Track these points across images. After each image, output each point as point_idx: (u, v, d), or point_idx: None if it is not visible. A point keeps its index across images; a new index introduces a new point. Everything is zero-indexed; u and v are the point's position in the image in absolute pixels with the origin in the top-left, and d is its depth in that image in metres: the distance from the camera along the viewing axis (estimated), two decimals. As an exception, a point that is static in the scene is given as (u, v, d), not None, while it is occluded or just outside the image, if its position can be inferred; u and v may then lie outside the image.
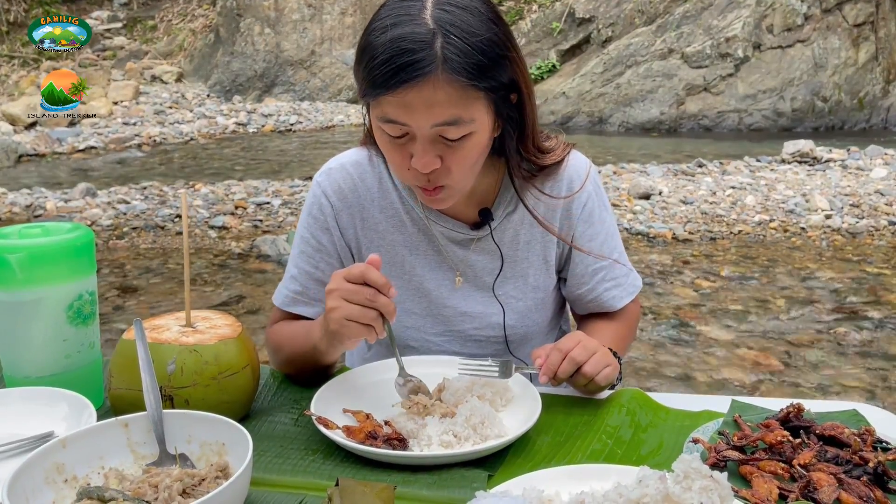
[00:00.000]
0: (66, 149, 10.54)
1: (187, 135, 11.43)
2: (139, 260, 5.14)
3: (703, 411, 1.15)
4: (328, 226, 1.32)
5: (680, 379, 3.20)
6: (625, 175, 7.15)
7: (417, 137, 1.09)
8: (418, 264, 1.33)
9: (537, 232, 1.32)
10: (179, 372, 1.06)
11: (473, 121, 1.09)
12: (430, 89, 1.03)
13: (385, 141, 1.14)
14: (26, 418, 1.07)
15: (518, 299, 1.34)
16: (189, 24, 16.84)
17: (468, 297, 1.33)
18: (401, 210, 1.32)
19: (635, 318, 1.43)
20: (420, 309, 1.34)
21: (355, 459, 1.02)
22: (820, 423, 1.04)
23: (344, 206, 1.32)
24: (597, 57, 13.31)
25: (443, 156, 1.10)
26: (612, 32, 13.56)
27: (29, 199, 6.85)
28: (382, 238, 1.33)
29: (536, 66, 13.92)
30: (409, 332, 1.35)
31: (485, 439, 1.05)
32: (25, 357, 1.15)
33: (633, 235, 5.39)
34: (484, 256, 1.32)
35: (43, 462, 0.89)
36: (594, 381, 1.12)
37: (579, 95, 12.93)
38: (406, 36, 1.03)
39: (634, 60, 12.77)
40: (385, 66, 1.03)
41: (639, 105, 12.37)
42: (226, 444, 0.95)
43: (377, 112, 1.10)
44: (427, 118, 1.06)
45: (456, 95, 1.05)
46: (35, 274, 1.11)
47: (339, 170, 1.33)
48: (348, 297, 1.06)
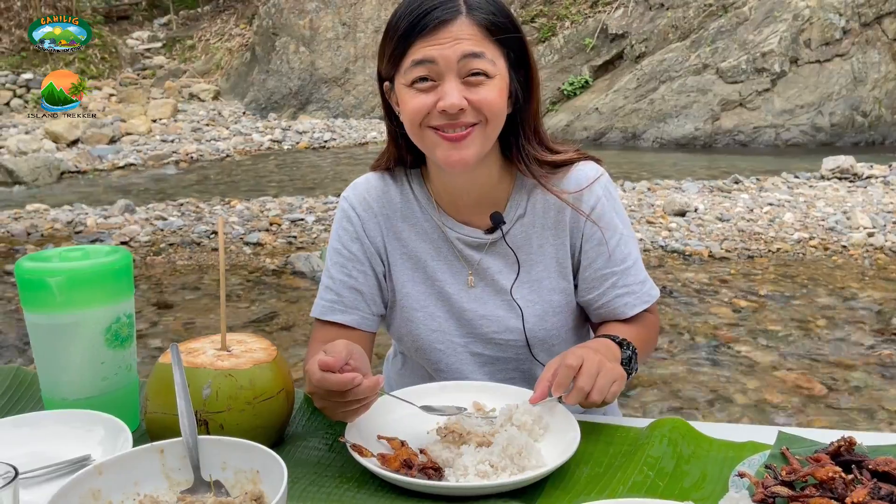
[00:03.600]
0: (106, 165, 10.76)
1: (223, 151, 11.60)
2: (175, 276, 5.20)
3: (748, 442, 1.11)
4: (357, 235, 1.37)
5: (717, 402, 3.13)
6: (659, 191, 7.07)
7: (445, 75, 1.16)
8: (438, 269, 1.36)
9: (549, 235, 1.34)
10: (215, 396, 1.06)
11: (494, 63, 1.18)
12: (457, 28, 1.16)
13: (410, 95, 1.20)
14: (63, 441, 1.07)
15: (535, 303, 1.34)
16: (226, 43, 17.15)
17: (486, 301, 1.35)
18: (421, 219, 1.36)
19: (653, 326, 1.40)
20: (443, 313, 1.36)
21: (390, 488, 1.01)
22: (873, 458, 1.00)
23: (370, 216, 1.37)
24: (630, 72, 13.24)
25: (468, 97, 1.17)
26: (645, 48, 13.49)
27: (70, 216, 6.99)
28: (405, 245, 1.37)
29: (569, 81, 13.89)
30: (436, 335, 1.37)
31: (522, 470, 1.02)
32: (63, 379, 1.15)
33: (669, 253, 5.32)
34: (499, 260, 1.34)
35: (79, 489, 0.89)
36: (605, 402, 1.11)
37: (612, 111, 12.86)
38: None
39: (668, 76, 12.68)
40: (415, 13, 1.16)
41: (673, 121, 12.26)
42: (260, 471, 0.94)
43: (406, 64, 1.19)
44: (454, 51, 1.15)
45: (479, 35, 1.17)
46: (74, 297, 1.12)
47: (364, 184, 1.40)
48: (323, 404, 1.08)
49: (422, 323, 1.36)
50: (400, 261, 1.37)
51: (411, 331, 1.37)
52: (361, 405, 1.06)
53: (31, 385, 1.32)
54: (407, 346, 1.42)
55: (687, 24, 13.30)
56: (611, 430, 1.18)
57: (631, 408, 3.09)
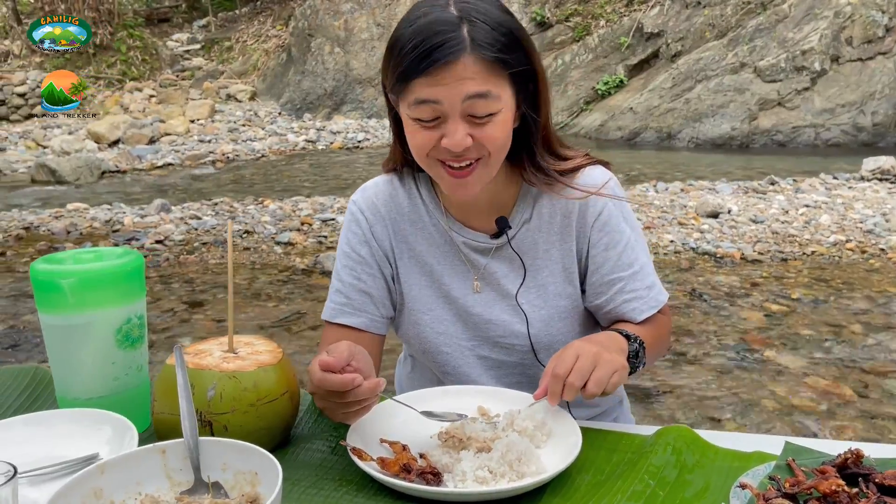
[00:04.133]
0: (145, 165, 10.94)
1: (259, 152, 11.73)
2: (207, 275, 5.28)
3: (755, 452, 1.09)
4: (366, 239, 1.38)
5: (744, 408, 3.08)
6: (693, 192, 6.98)
7: (449, 116, 1.14)
8: (444, 273, 1.36)
9: (555, 240, 1.33)
10: (219, 398, 1.08)
11: (500, 97, 1.15)
12: (461, 67, 1.11)
13: (415, 128, 1.19)
14: (72, 440, 1.09)
15: (540, 308, 1.33)
16: (263, 44, 17.35)
17: (492, 305, 1.35)
18: (428, 223, 1.37)
19: (664, 327, 1.37)
20: (450, 316, 1.37)
21: (389, 492, 1.01)
22: (881, 471, 0.98)
23: (377, 219, 1.38)
24: (666, 72, 13.08)
25: (473, 135, 1.16)
26: (681, 47, 13.32)
27: (108, 215, 7.14)
28: (412, 249, 1.38)
29: (603, 81, 13.77)
30: (442, 338, 1.37)
31: (521, 476, 1.02)
32: (76, 379, 1.18)
33: (700, 255, 5.25)
34: (504, 265, 1.34)
35: (81, 487, 0.91)
36: (605, 393, 1.10)
37: (647, 111, 12.72)
38: (435, 21, 1.13)
39: (705, 75, 12.50)
40: (418, 49, 1.12)
41: (709, 120, 12.09)
42: (258, 473, 0.95)
43: (409, 99, 1.16)
44: (458, 93, 1.12)
45: (484, 71, 1.13)
46: (85, 298, 1.14)
47: (372, 188, 1.41)
48: (323, 404, 1.09)
49: (429, 326, 1.36)
50: (408, 264, 1.38)
51: (418, 333, 1.38)
52: (361, 407, 1.07)
53: (48, 384, 1.36)
54: (415, 349, 1.43)
55: (724, 23, 13.11)
56: (615, 438, 1.17)
57: (655, 413, 3.06)
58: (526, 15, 15.09)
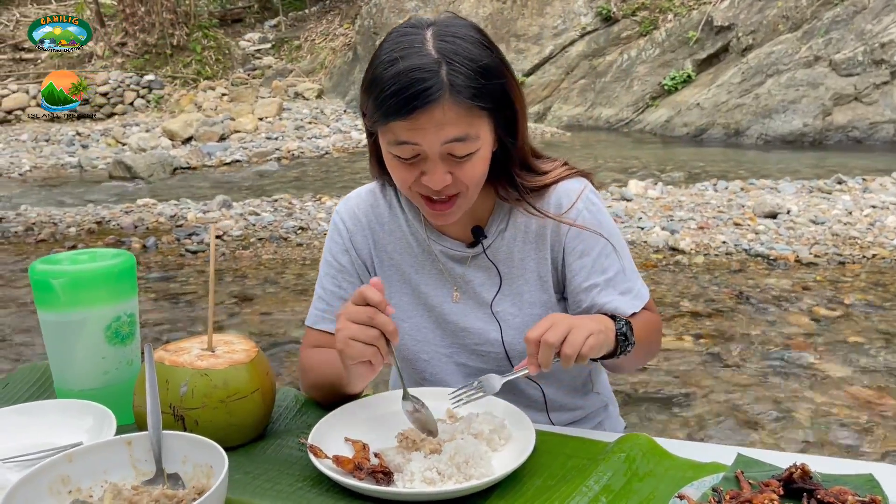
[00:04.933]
0: (214, 162, 11.30)
1: (323, 149, 11.96)
2: (260, 270, 5.45)
3: (711, 463, 1.09)
4: (346, 248, 1.42)
5: (779, 415, 3.00)
6: (753, 192, 6.78)
7: (429, 156, 1.17)
8: (422, 282, 1.39)
9: (531, 249, 1.35)
10: (190, 394, 1.14)
11: (478, 137, 1.18)
12: (440, 112, 1.12)
13: (396, 163, 1.22)
14: (59, 428, 1.18)
15: (515, 316, 1.35)
16: (330, 43, 17.67)
17: (468, 313, 1.37)
18: (407, 232, 1.40)
19: (652, 321, 1.35)
20: (428, 323, 1.40)
21: (341, 490, 1.05)
22: (827, 487, 0.96)
23: (357, 228, 1.42)
24: (735, 66, 12.71)
25: (452, 171, 1.19)
26: (752, 40, 12.92)
27: (174, 210, 7.43)
28: (391, 258, 1.41)
29: (670, 76, 13.48)
30: (421, 346, 1.40)
31: (469, 478, 1.05)
32: (70, 372, 1.27)
33: (752, 257, 5.10)
34: (481, 273, 1.37)
35: (49, 474, 0.98)
36: (581, 356, 1.09)
37: (715, 106, 12.40)
38: (414, 67, 1.12)
39: (776, 69, 12.10)
40: (397, 96, 1.12)
41: (780, 116, 11.69)
42: (213, 466, 1.01)
43: (389, 137, 1.18)
44: (437, 137, 1.14)
45: (462, 115, 1.14)
46: (76, 297, 1.22)
47: (354, 198, 1.45)
48: (351, 316, 1.11)
49: (407, 333, 1.39)
50: (387, 273, 1.41)
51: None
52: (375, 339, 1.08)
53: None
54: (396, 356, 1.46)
55: (799, 14, 12.65)
56: (577, 444, 1.18)
57: (685, 419, 3.01)
58: (591, 10, 14.91)
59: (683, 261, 5.14)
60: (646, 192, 7.00)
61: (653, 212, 6.28)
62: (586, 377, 1.48)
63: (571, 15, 15.02)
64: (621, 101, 14.05)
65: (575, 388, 1.46)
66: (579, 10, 14.98)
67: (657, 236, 5.59)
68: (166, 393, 1.14)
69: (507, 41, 15.05)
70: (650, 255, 5.29)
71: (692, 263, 5.09)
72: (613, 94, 14.20)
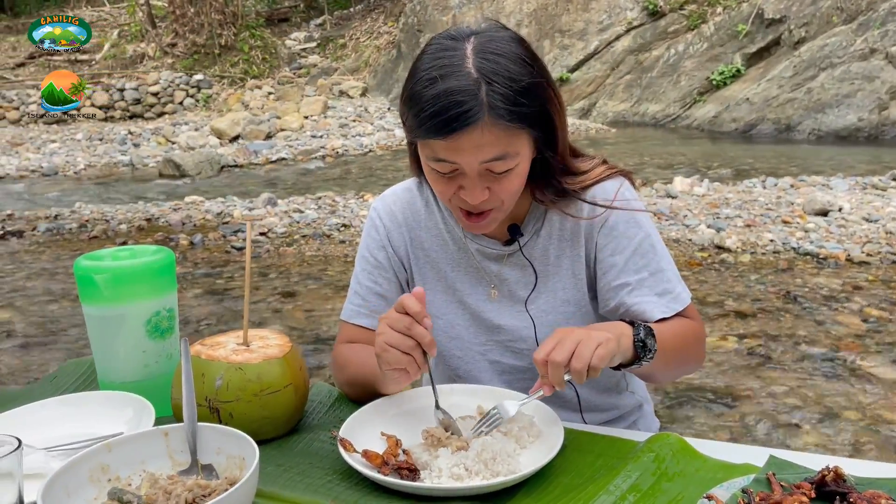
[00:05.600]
0: (260, 160, 11.48)
1: (367, 147, 12.05)
2: (303, 266, 5.52)
3: (743, 464, 1.07)
4: (383, 244, 1.43)
5: (824, 417, 2.93)
6: (803, 189, 6.62)
7: (467, 174, 1.18)
8: (458, 279, 1.40)
9: (566, 247, 1.35)
10: (225, 387, 1.17)
11: (517, 154, 1.18)
12: (479, 133, 1.12)
13: (434, 176, 1.23)
14: (101, 419, 1.22)
15: (548, 313, 1.35)
16: (374, 41, 17.78)
17: (503, 310, 1.38)
18: (443, 230, 1.41)
19: (689, 329, 1.30)
20: (463, 321, 1.41)
21: (369, 483, 1.07)
22: (861, 491, 0.94)
23: (394, 225, 1.43)
24: (787, 59, 12.42)
25: (490, 187, 1.20)
26: (805, 33, 12.60)
27: (220, 207, 7.57)
28: (427, 255, 1.42)
29: (719, 70, 13.23)
30: (454, 343, 1.41)
31: (496, 475, 1.05)
32: (112, 365, 1.31)
33: (801, 256, 4.98)
34: (517, 271, 1.37)
35: (89, 462, 1.01)
36: (592, 368, 1.07)
37: (765, 101, 12.13)
38: (454, 89, 1.11)
39: (830, 62, 11.78)
40: (436, 117, 1.12)
41: (833, 111, 11.38)
42: (245, 458, 1.03)
43: (427, 151, 1.19)
44: (476, 157, 1.15)
45: (502, 135, 1.14)
46: (118, 292, 1.26)
47: (391, 195, 1.46)
48: (391, 323, 1.12)
49: (442, 330, 1.41)
50: (423, 269, 1.43)
51: None
52: (412, 349, 1.10)
53: (101, 368, 1.50)
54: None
55: (854, 6, 12.29)
56: (607, 443, 1.18)
57: (729, 420, 2.96)
58: (638, 4, 14.72)
59: (729, 259, 5.05)
60: (691, 190, 6.89)
61: (698, 209, 6.18)
62: (620, 377, 1.47)
63: (617, 10, 14.85)
64: (668, 96, 13.84)
65: (609, 388, 1.45)
66: (625, 5, 14.80)
67: (702, 234, 5.50)
68: (202, 386, 1.17)
69: (552, 37, 14.95)
70: (695, 254, 5.21)
71: (738, 262, 4.99)
72: (660, 90, 14.00)
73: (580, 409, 1.42)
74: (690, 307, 1.31)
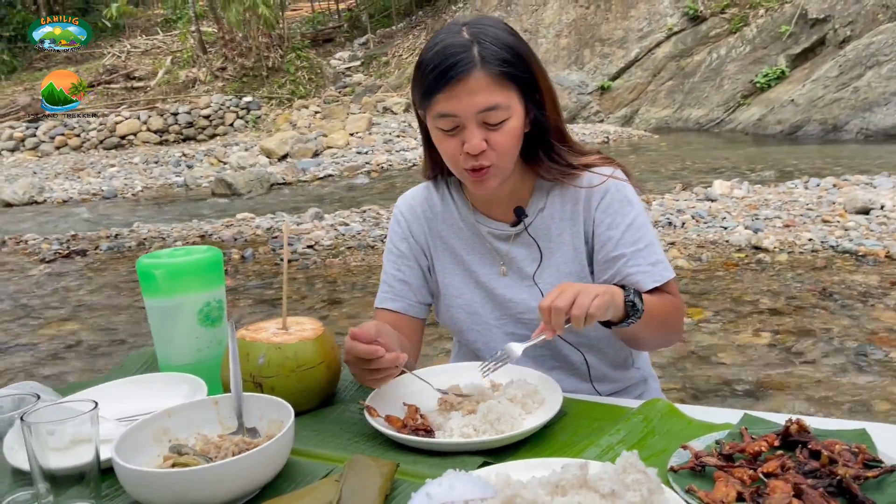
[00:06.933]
0: (308, 177, 11.80)
1: (410, 161, 12.29)
2: (348, 276, 5.74)
3: (724, 424, 1.20)
4: (405, 236, 1.62)
5: (854, 406, 2.97)
6: (845, 188, 6.59)
7: (466, 125, 1.35)
8: (473, 261, 1.57)
9: (566, 225, 1.50)
10: (267, 365, 1.34)
11: (509, 107, 1.36)
12: (473, 81, 1.32)
13: (441, 137, 1.41)
14: (161, 395, 1.40)
15: (553, 285, 1.47)
16: (416, 57, 18.10)
17: (513, 285, 1.53)
18: (458, 218, 1.59)
19: (672, 303, 1.45)
20: (479, 298, 1.57)
21: (392, 444, 1.22)
22: (822, 440, 1.06)
23: (414, 218, 1.62)
24: (832, 59, 12.27)
25: (487, 139, 1.37)
26: (850, 31, 12.44)
27: (270, 223, 7.87)
28: (444, 242, 1.60)
29: (763, 73, 13.13)
30: (472, 318, 1.57)
31: (500, 433, 1.20)
32: (169, 350, 1.50)
33: (840, 254, 4.99)
34: (523, 249, 1.53)
35: (152, 426, 1.19)
36: (590, 315, 1.21)
37: (810, 102, 12.00)
38: (449, 45, 1.35)
39: (876, 60, 11.61)
40: (436, 70, 1.34)
41: (881, 109, 11.21)
42: (283, 422, 1.20)
43: (433, 113, 1.39)
44: (472, 105, 1.33)
45: (493, 85, 1.33)
46: (174, 285, 1.45)
47: (410, 194, 1.66)
48: (353, 370, 1.34)
49: (461, 308, 1.57)
50: (442, 256, 1.59)
51: (452, 315, 1.59)
52: (384, 375, 1.29)
53: (161, 356, 1.69)
54: (452, 330, 1.64)
55: (900, 2, 12.09)
56: (604, 408, 1.31)
57: (759, 410, 3.03)
58: (678, 10, 14.70)
59: (766, 259, 5.08)
60: (731, 192, 6.91)
61: (737, 211, 6.20)
62: (627, 353, 1.61)
63: (657, 16, 14.85)
64: (711, 100, 13.78)
65: (617, 363, 1.60)
66: (665, 11, 14.79)
67: (739, 235, 5.53)
68: (246, 364, 1.34)
69: (592, 46, 15.02)
70: (732, 254, 5.25)
71: (775, 261, 5.02)
72: (703, 95, 13.94)
73: (590, 379, 1.56)
74: (673, 284, 1.46)
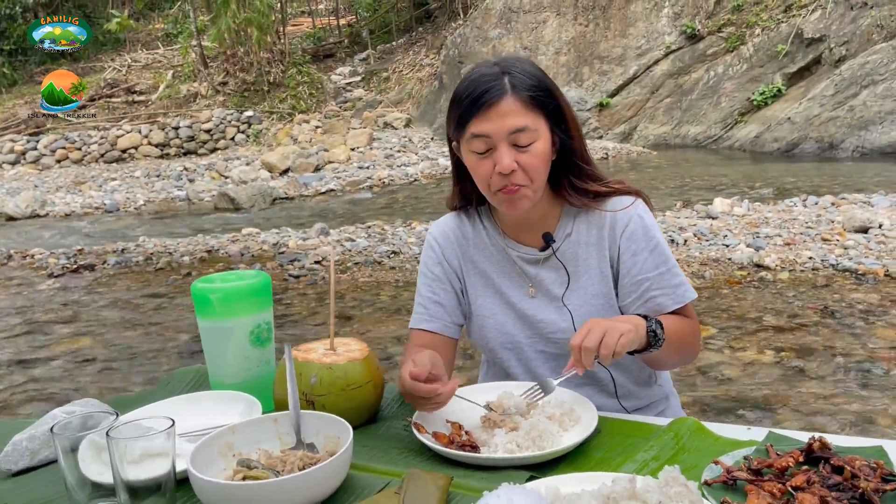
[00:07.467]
0: (310, 192, 11.89)
1: (412, 176, 12.40)
2: (357, 292, 5.82)
3: (749, 441, 1.29)
4: (439, 260, 1.72)
5: (855, 422, 3.07)
6: (844, 206, 6.71)
7: (498, 146, 1.47)
8: (503, 283, 1.67)
9: (593, 250, 1.61)
10: (319, 384, 1.43)
11: (537, 130, 1.48)
12: (505, 105, 1.46)
13: (474, 161, 1.52)
14: (217, 412, 1.49)
15: (581, 306, 1.60)
16: (417, 73, 18.27)
17: (542, 307, 1.63)
18: (489, 243, 1.69)
19: (689, 325, 1.56)
20: (509, 319, 1.66)
21: (441, 459, 1.31)
22: (842, 456, 1.16)
23: (447, 244, 1.72)
24: (828, 78, 12.45)
25: (518, 160, 1.48)
26: (846, 51, 12.63)
27: (276, 238, 7.95)
28: (476, 266, 1.70)
29: (759, 91, 13.30)
30: (503, 338, 1.67)
31: (542, 450, 1.29)
32: (221, 369, 1.58)
33: (840, 272, 5.10)
34: (552, 273, 1.63)
35: (218, 441, 1.28)
36: (616, 353, 1.32)
37: (806, 120, 12.17)
38: (482, 76, 1.50)
39: (872, 80, 11.79)
40: (469, 97, 1.48)
41: (876, 128, 11.37)
42: (340, 437, 1.29)
43: (466, 136, 1.51)
44: (504, 126, 1.46)
45: (523, 109, 1.47)
46: (227, 308, 1.54)
47: (443, 222, 1.77)
48: (411, 401, 1.44)
49: (492, 328, 1.66)
50: (474, 279, 1.69)
51: (484, 335, 1.68)
52: (440, 404, 1.39)
53: (207, 376, 1.77)
54: (483, 349, 1.73)
55: (894, 23, 12.29)
56: (634, 426, 1.41)
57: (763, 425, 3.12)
58: (675, 28, 14.90)
59: (768, 277, 5.19)
60: (731, 210, 7.02)
61: (738, 229, 6.32)
62: (650, 371, 1.71)
63: (655, 34, 15.04)
64: (709, 118, 13.94)
65: (641, 380, 1.70)
66: (663, 29, 14.98)
67: (741, 253, 5.65)
68: (300, 383, 1.43)
69: (591, 63, 15.20)
70: (734, 272, 5.36)
71: (777, 279, 5.13)
72: (700, 112, 14.11)
73: (616, 395, 1.66)
74: (690, 307, 1.58)
